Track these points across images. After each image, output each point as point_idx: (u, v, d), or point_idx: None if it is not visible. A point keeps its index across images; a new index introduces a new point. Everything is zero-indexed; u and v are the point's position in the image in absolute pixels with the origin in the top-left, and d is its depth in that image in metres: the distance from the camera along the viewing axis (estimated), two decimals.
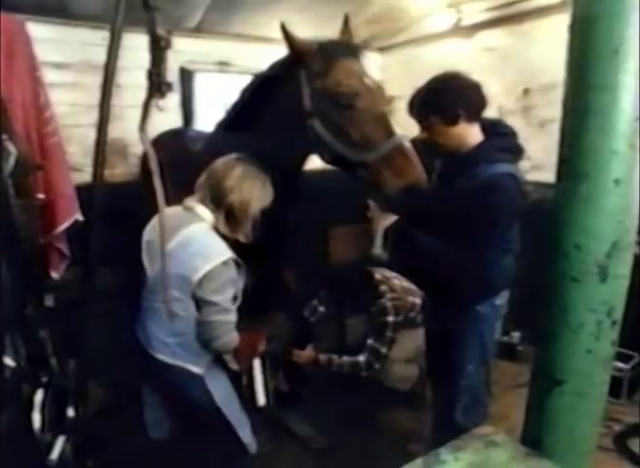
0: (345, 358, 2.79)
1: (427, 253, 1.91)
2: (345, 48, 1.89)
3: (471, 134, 1.87)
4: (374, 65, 4.25)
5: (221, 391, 1.92)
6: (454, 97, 1.82)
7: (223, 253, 1.76)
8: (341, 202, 3.32)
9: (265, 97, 1.94)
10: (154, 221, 1.88)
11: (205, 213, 1.81)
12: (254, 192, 1.82)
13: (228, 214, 1.82)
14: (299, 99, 1.83)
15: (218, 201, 1.81)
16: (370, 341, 2.74)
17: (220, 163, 1.85)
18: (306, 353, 2.82)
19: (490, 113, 1.98)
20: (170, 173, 2.06)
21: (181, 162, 2.35)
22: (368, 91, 1.81)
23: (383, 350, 2.72)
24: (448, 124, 1.83)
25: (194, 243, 1.75)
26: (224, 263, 1.74)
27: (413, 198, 1.73)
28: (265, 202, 1.86)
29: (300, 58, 1.82)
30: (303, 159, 2.03)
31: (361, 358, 2.74)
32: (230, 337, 1.82)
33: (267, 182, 1.86)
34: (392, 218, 1.94)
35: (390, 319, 2.72)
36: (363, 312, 2.95)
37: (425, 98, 1.88)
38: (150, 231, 1.91)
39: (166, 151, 2.28)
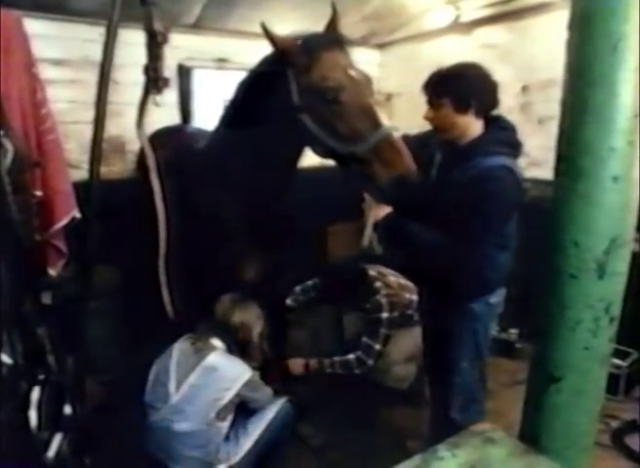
0: (335, 358, 2.77)
1: (419, 246, 1.90)
2: (329, 40, 1.88)
3: (474, 127, 1.87)
4: (372, 62, 4.24)
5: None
6: (472, 86, 1.83)
7: (247, 368, 2.06)
8: (341, 198, 3.29)
9: (257, 93, 1.94)
10: (175, 351, 2.09)
11: (218, 342, 2.09)
12: (254, 323, 2.17)
13: (242, 348, 2.14)
14: (288, 95, 1.84)
15: (229, 337, 2.11)
16: (364, 339, 2.72)
17: (220, 308, 2.16)
18: (296, 360, 2.80)
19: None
20: (167, 169, 2.06)
21: (179, 159, 2.34)
22: (353, 83, 1.81)
23: (377, 346, 2.69)
24: (457, 110, 1.83)
25: (219, 368, 2.00)
26: (252, 378, 2.05)
27: (404, 189, 1.73)
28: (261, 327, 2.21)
29: (284, 56, 1.82)
30: (299, 153, 2.03)
31: (351, 356, 2.72)
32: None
33: (257, 308, 2.20)
34: (384, 211, 1.93)
35: (385, 315, 2.69)
36: (358, 309, 2.94)
37: (445, 79, 1.87)
38: (178, 355, 2.08)
39: (164, 148, 2.28)
